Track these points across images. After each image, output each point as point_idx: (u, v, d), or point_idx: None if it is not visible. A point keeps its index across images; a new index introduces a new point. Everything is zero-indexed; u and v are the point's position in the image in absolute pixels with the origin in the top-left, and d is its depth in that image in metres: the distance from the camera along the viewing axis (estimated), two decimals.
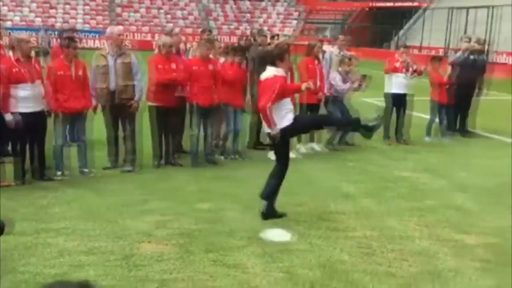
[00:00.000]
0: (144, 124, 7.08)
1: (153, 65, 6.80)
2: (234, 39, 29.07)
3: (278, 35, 12.93)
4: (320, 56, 8.63)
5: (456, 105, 9.42)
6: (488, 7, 24.86)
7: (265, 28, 32.28)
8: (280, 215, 5.12)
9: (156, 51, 7.09)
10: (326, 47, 10.30)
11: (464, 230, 4.95)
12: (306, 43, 9.16)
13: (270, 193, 5.14)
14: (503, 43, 24.16)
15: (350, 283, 3.84)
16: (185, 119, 7.36)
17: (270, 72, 5.05)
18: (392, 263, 4.20)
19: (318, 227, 4.94)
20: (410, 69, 8.71)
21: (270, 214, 5.09)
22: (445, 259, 4.29)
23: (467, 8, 27.56)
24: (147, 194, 5.86)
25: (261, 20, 42.34)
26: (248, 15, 43.22)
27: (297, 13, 44.06)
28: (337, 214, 5.32)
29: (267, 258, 4.22)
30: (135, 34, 37.59)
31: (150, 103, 6.92)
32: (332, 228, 4.93)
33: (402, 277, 3.96)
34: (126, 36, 31.91)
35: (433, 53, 24.10)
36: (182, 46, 8.25)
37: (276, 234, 4.75)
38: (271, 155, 7.65)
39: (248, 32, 21.36)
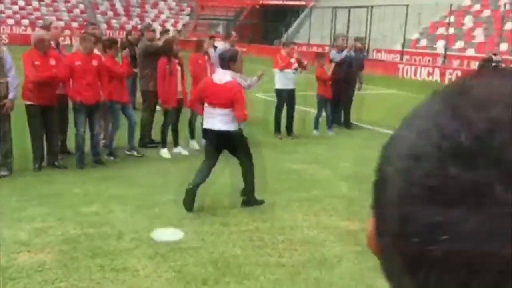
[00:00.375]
0: (19, 124, 6.52)
1: (28, 61, 6.29)
2: (124, 34, 27.97)
3: (168, 30, 12.73)
4: (211, 52, 8.62)
5: (339, 100, 9.94)
6: (366, 7, 26.62)
7: (155, 23, 31.60)
8: (260, 202, 5.41)
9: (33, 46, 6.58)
10: (217, 43, 10.32)
11: (347, 217, 5.23)
12: (196, 39, 9.09)
13: (251, 188, 5.39)
14: (380, 41, 26.08)
15: (242, 277, 3.87)
16: (67, 118, 6.94)
17: (228, 76, 5.16)
18: (282, 253, 4.31)
19: (211, 223, 4.93)
20: (296, 65, 9.03)
21: (254, 203, 5.38)
22: (331, 245, 4.51)
23: (335, 8, 29.29)
24: (25, 200, 5.41)
25: (152, 15, 41.35)
26: (138, 9, 41.97)
27: (189, 8, 43.69)
28: (229, 209, 5.35)
29: (158, 259, 4.11)
30: (14, 28, 34.74)
31: (26, 102, 6.40)
32: (225, 223, 4.94)
33: (292, 266, 4.08)
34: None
35: (315, 49, 25.28)
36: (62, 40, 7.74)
37: (167, 233, 4.65)
38: (164, 153, 7.51)
39: (139, 26, 20.71)
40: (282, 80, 9.07)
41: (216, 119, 5.20)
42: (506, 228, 0.32)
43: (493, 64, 15.61)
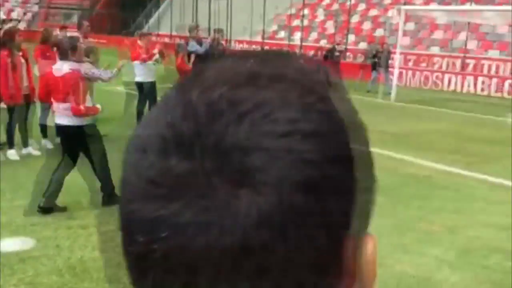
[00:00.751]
0: None
1: None
2: None
3: (4, 20, 11.58)
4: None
5: None
6: None
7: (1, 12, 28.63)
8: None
9: None
10: (70, 34, 9.64)
11: None
12: (42, 29, 8.40)
13: (108, 186, 4.95)
14: (242, 32, 26.71)
15: (103, 281, 3.67)
16: None
17: (67, 66, 4.82)
18: None
19: (67, 226, 4.61)
20: (157, 56, 8.83)
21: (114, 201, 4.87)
22: None
23: None
24: None
25: None
26: None
27: None
28: (88, 210, 5.05)
29: (6, 272, 3.72)
30: None
31: None
32: (83, 225, 4.65)
33: None
34: None
35: (178, 41, 25.02)
36: None
37: (16, 243, 4.23)
38: (11, 154, 6.82)
39: None
40: (143, 72, 8.79)
41: (58, 114, 4.92)
42: (221, 220, 0.30)
43: (336, 53, 17.05)
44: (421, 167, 7.16)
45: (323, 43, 18.35)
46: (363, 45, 22.15)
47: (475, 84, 17.15)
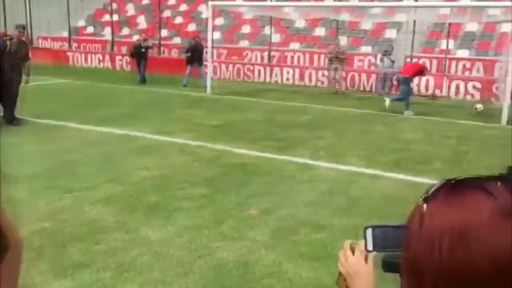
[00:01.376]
0: None
1: None
2: None
3: None
4: None
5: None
6: None
7: None
8: None
9: None
10: None
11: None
12: None
13: None
14: (45, 28, 24.59)
15: None
16: None
17: None
18: None
19: None
20: None
21: None
22: None
23: None
24: None
25: None
26: None
27: None
28: None
29: None
30: None
31: None
32: None
33: None
34: None
35: None
36: None
37: None
38: None
39: None
40: None
41: None
42: None
43: (143, 49, 16.97)
44: (238, 156, 7.49)
45: (135, 38, 17.95)
46: (177, 40, 22.29)
47: (281, 74, 18.57)
